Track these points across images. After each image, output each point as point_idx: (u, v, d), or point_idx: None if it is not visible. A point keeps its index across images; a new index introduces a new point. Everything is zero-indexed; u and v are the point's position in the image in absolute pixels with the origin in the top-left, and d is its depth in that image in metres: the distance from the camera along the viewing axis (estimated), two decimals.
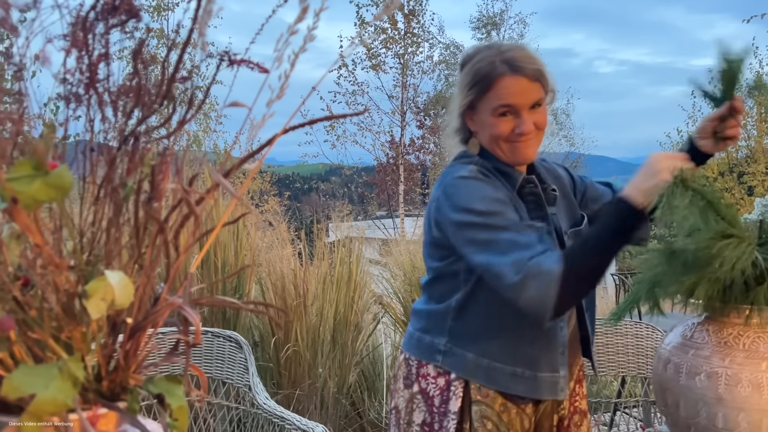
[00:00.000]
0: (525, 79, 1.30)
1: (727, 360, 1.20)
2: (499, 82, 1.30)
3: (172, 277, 0.66)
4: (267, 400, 1.98)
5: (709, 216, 0.94)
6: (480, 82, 1.32)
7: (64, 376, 0.54)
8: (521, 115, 1.31)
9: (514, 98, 1.30)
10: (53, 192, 0.51)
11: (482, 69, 1.32)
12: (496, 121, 1.32)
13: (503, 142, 1.34)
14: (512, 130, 1.32)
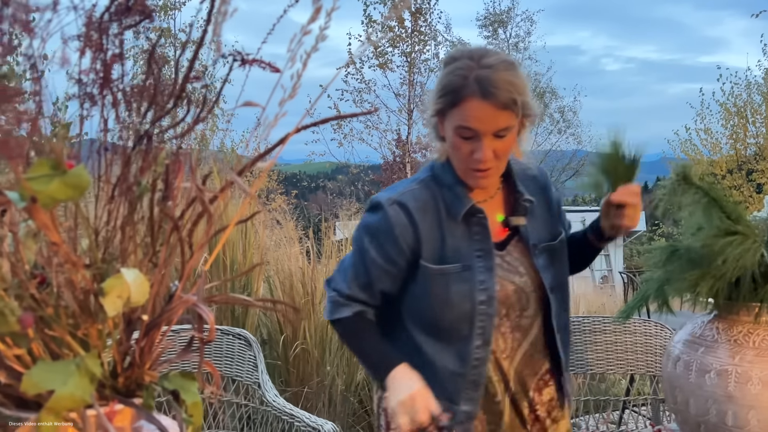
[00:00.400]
0: (492, 107, 1.21)
1: (737, 358, 1.20)
2: (466, 102, 1.23)
3: (186, 274, 0.66)
4: (276, 398, 1.99)
5: (713, 213, 0.94)
6: (448, 95, 1.25)
7: (81, 372, 0.55)
8: (481, 141, 1.24)
9: (476, 123, 1.23)
10: (71, 191, 0.52)
11: (453, 82, 1.24)
12: (458, 142, 1.27)
13: (463, 165, 1.30)
14: (470, 153, 1.26)
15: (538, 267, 1.37)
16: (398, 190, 1.38)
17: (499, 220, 1.39)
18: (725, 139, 13.69)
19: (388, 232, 1.34)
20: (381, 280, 1.38)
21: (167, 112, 0.68)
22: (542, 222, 1.42)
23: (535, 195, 1.41)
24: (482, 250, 1.34)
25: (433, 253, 1.34)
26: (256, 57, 0.69)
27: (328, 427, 1.77)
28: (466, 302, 1.33)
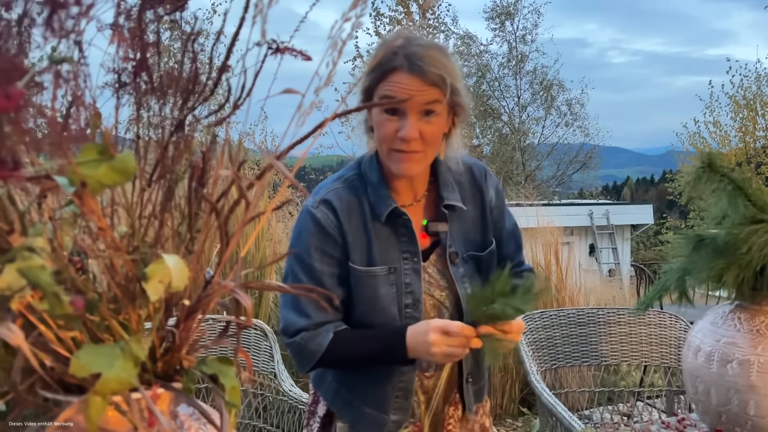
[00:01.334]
0: (420, 81, 1.18)
1: (760, 348, 1.20)
2: (393, 74, 1.19)
3: (224, 260, 0.67)
4: (293, 387, 2.01)
5: (739, 201, 0.94)
6: (376, 69, 1.22)
7: (126, 355, 0.56)
8: (407, 117, 1.20)
9: (401, 94, 1.19)
10: (117, 176, 0.52)
11: (383, 57, 1.22)
12: (382, 118, 1.22)
13: (386, 147, 1.24)
14: (395, 131, 1.21)
15: (456, 277, 1.32)
16: (322, 190, 1.33)
17: (423, 224, 1.35)
18: (734, 132, 13.63)
19: (323, 234, 1.29)
20: (337, 287, 1.30)
21: (205, 100, 0.69)
22: (473, 229, 1.37)
23: (469, 200, 1.36)
24: (409, 252, 1.31)
25: (360, 255, 1.29)
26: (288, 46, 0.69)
27: None
28: (392, 306, 1.30)
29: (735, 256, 0.99)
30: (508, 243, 1.43)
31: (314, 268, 1.28)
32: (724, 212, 0.98)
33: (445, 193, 1.33)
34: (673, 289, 1.34)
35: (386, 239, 1.30)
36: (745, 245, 0.94)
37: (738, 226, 0.94)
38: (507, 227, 1.43)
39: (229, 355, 0.71)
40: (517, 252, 1.45)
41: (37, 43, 0.61)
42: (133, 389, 0.57)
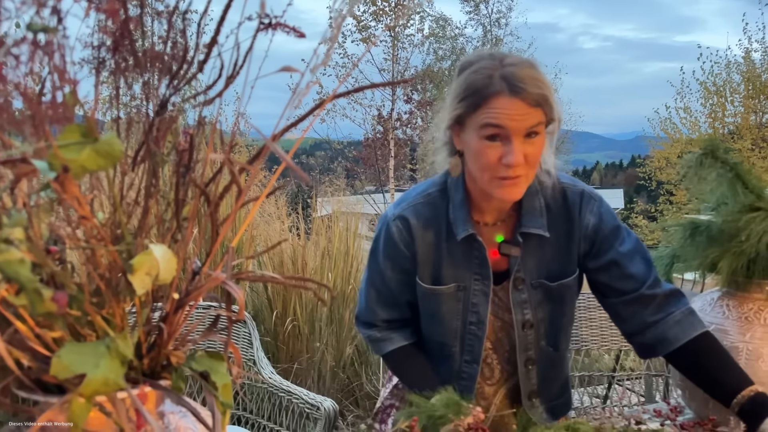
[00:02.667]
0: (522, 104, 1.11)
1: (748, 335, 1.20)
2: (493, 100, 1.12)
3: (214, 250, 0.63)
4: (273, 374, 1.97)
5: (738, 188, 0.93)
6: (471, 96, 1.14)
7: (112, 354, 0.52)
8: (511, 142, 1.12)
9: (505, 120, 1.11)
10: (102, 160, 0.48)
11: (476, 82, 1.14)
12: (482, 145, 1.14)
13: (488, 175, 1.16)
14: (499, 158, 1.13)
15: (515, 302, 1.30)
16: (403, 203, 1.34)
17: (498, 240, 1.30)
18: (704, 118, 13.84)
19: (395, 248, 1.32)
20: (404, 292, 1.37)
21: (193, 77, 0.64)
22: (552, 257, 1.29)
23: (555, 226, 1.27)
24: (480, 275, 1.30)
25: (428, 273, 1.32)
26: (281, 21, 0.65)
27: (328, 404, 1.75)
28: (456, 320, 1.33)
29: (730, 243, 0.98)
30: (630, 263, 1.25)
31: (385, 274, 1.36)
32: (721, 199, 0.96)
33: (526, 219, 1.26)
34: (661, 275, 1.33)
35: (459, 258, 1.30)
36: (743, 233, 0.93)
37: (736, 214, 0.93)
38: (623, 250, 1.26)
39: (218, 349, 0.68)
40: (647, 272, 1.24)
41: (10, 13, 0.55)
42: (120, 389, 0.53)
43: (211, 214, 0.60)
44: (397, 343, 1.39)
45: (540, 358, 1.35)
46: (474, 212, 1.30)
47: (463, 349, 1.34)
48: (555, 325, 1.34)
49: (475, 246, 1.28)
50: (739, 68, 13.26)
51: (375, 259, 1.37)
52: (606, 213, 1.29)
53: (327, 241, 3.22)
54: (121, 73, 0.66)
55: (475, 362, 1.34)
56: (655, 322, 1.23)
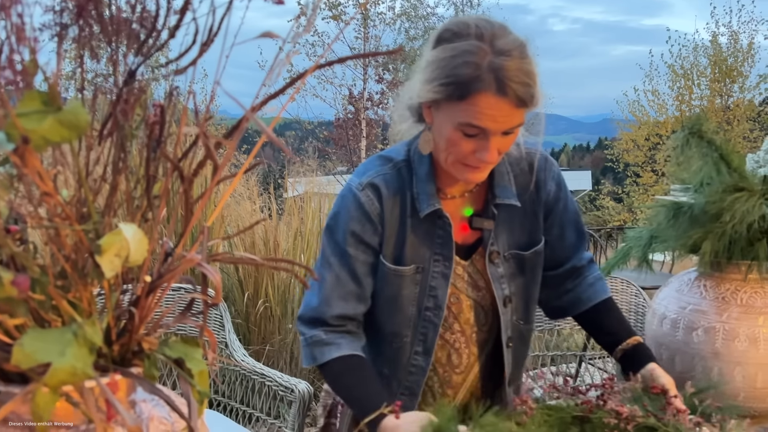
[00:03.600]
0: (509, 105, 1.03)
1: (725, 315, 1.20)
2: (478, 98, 1.03)
3: (188, 229, 0.59)
4: (245, 357, 1.94)
5: (722, 168, 0.92)
6: (454, 86, 1.04)
7: (79, 341, 0.48)
8: (488, 140, 1.07)
9: (488, 122, 1.04)
10: (66, 131, 0.44)
11: (461, 70, 1.03)
12: (456, 137, 1.08)
13: (452, 158, 1.12)
14: (472, 151, 1.09)
15: (494, 277, 1.25)
16: (369, 171, 1.22)
17: (466, 214, 1.25)
18: (671, 101, 14.03)
19: (363, 219, 1.20)
20: (367, 276, 1.23)
21: (164, 45, 0.60)
22: (519, 226, 1.27)
23: (522, 192, 1.25)
24: (441, 255, 1.22)
25: (391, 251, 1.22)
26: None
27: (302, 387, 1.72)
28: (412, 306, 1.24)
29: (713, 224, 0.98)
30: (569, 234, 1.31)
31: (347, 253, 1.20)
32: (705, 180, 0.95)
33: (498, 190, 1.22)
34: (639, 256, 1.33)
35: (421, 237, 1.21)
36: (727, 213, 0.92)
37: (720, 194, 0.92)
38: (569, 218, 1.30)
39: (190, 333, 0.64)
40: (579, 242, 1.33)
41: None
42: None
43: (185, 191, 0.56)
44: (345, 350, 1.19)
45: (514, 335, 1.31)
46: (440, 186, 1.22)
47: (415, 339, 1.26)
48: (527, 297, 1.30)
49: (440, 223, 1.21)
50: (706, 52, 13.46)
51: (333, 238, 1.22)
52: (561, 179, 1.30)
53: (299, 221, 3.17)
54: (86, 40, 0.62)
55: (426, 353, 1.26)
56: (574, 287, 1.34)
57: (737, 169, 0.93)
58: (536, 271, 1.30)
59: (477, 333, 1.29)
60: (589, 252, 1.40)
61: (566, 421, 1.03)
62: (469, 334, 1.29)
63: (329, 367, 1.20)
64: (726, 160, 0.93)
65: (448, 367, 1.31)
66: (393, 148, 1.27)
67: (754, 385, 1.20)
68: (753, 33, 13.28)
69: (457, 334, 1.29)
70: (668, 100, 14.05)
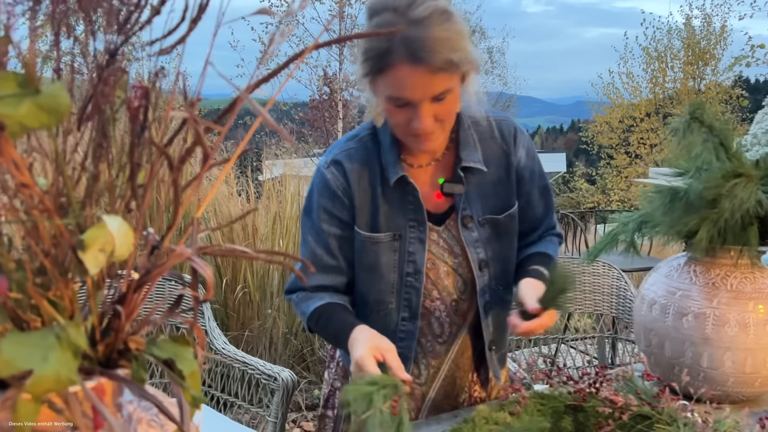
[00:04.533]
0: (426, 72, 1.04)
1: (715, 301, 1.20)
2: (393, 70, 1.04)
3: (177, 220, 0.55)
4: (226, 345, 1.90)
5: (721, 154, 0.90)
6: (372, 60, 1.07)
7: (63, 345, 0.44)
8: (418, 110, 1.08)
9: (408, 93, 1.06)
10: (45, 116, 0.40)
11: (377, 46, 1.05)
12: (391, 109, 1.11)
13: (399, 130, 1.16)
14: (408, 121, 1.11)
15: (468, 241, 1.26)
16: (334, 150, 1.28)
17: (440, 182, 1.27)
18: (645, 83, 14.14)
19: (332, 196, 1.25)
20: (343, 249, 1.28)
21: (148, 22, 0.55)
22: (493, 191, 1.28)
23: (492, 160, 1.27)
24: (415, 220, 1.25)
25: (366, 220, 1.25)
26: None
27: (285, 375, 1.69)
28: (392, 273, 1.26)
29: (709, 210, 0.96)
30: (537, 205, 1.35)
31: (321, 229, 1.26)
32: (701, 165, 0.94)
33: (464, 154, 1.24)
34: (627, 240, 1.31)
35: (395, 205, 1.25)
36: (726, 200, 0.91)
37: (719, 180, 0.90)
38: (537, 188, 1.33)
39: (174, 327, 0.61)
40: (546, 214, 1.38)
41: None
42: None
43: (174, 180, 0.52)
44: (326, 300, 1.27)
45: (493, 300, 1.31)
46: (405, 154, 1.25)
47: (399, 305, 1.28)
48: (504, 262, 1.32)
49: (408, 189, 1.24)
50: (680, 34, 13.56)
51: (309, 216, 1.28)
52: (531, 150, 1.32)
53: (278, 204, 3.12)
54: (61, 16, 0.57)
55: (413, 317, 1.28)
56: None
57: (735, 154, 0.92)
58: (512, 235, 1.33)
59: (457, 301, 1.31)
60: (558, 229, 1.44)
61: (559, 410, 1.02)
62: (449, 302, 1.31)
63: (312, 315, 1.26)
64: (725, 146, 0.91)
65: (430, 336, 1.33)
66: (361, 126, 1.32)
67: (743, 370, 1.20)
68: (726, 16, 13.41)
69: (436, 302, 1.30)
70: (642, 83, 14.16)
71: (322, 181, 1.26)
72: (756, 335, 1.18)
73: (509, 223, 1.31)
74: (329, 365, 1.46)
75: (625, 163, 14.79)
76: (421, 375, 1.34)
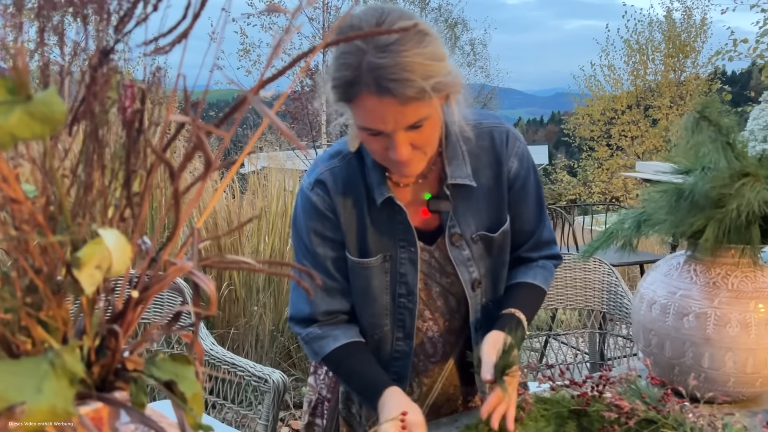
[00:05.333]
0: (394, 103, 0.95)
1: (716, 300, 1.18)
2: (361, 100, 0.97)
3: (178, 231, 0.52)
4: (214, 346, 1.86)
5: (729, 153, 0.88)
6: (340, 89, 0.99)
7: (58, 372, 0.41)
8: (393, 139, 1.01)
9: (377, 124, 0.99)
10: (38, 126, 0.36)
11: (343, 76, 0.97)
12: (366, 137, 1.04)
13: (378, 157, 1.09)
14: (385, 149, 1.04)
15: (458, 260, 1.21)
16: (317, 169, 1.19)
17: (426, 198, 1.20)
18: (627, 75, 14.21)
19: (320, 216, 1.18)
20: (342, 269, 1.22)
21: (145, 19, 0.51)
22: (485, 206, 1.21)
23: (483, 171, 1.20)
24: (406, 240, 1.19)
25: (355, 244, 1.20)
26: None
27: (276, 377, 1.66)
28: (385, 295, 1.22)
29: (715, 210, 0.94)
30: (528, 219, 1.27)
31: (317, 254, 1.20)
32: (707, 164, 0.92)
33: (451, 169, 1.16)
34: (624, 238, 1.30)
35: (383, 225, 1.19)
36: (734, 200, 0.89)
37: (727, 179, 0.88)
38: (530, 200, 1.25)
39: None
40: (538, 227, 1.29)
41: None
42: None
43: (175, 189, 0.49)
44: (342, 340, 1.20)
45: (483, 317, 1.27)
46: (390, 174, 1.18)
47: (394, 326, 1.24)
48: (495, 279, 1.27)
49: (396, 210, 1.17)
50: (661, 27, 13.64)
51: (300, 240, 1.21)
52: (525, 156, 1.23)
53: (262, 199, 3.07)
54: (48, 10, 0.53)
55: (408, 338, 1.24)
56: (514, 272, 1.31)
57: (742, 154, 0.90)
58: (504, 252, 1.27)
59: (450, 321, 1.28)
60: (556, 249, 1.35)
61: (563, 415, 1.00)
62: (442, 322, 1.27)
63: (330, 359, 1.21)
64: (732, 146, 0.89)
65: (423, 356, 1.29)
66: (343, 140, 1.23)
67: (744, 370, 1.19)
68: (705, 9, 13.52)
69: (429, 322, 1.27)
70: (624, 75, 14.24)
71: (308, 203, 1.19)
72: (757, 335, 1.17)
73: (503, 239, 1.25)
74: (316, 371, 1.41)
75: (607, 156, 14.88)
76: (413, 393, 1.31)
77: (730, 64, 8.65)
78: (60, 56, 0.53)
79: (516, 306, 1.23)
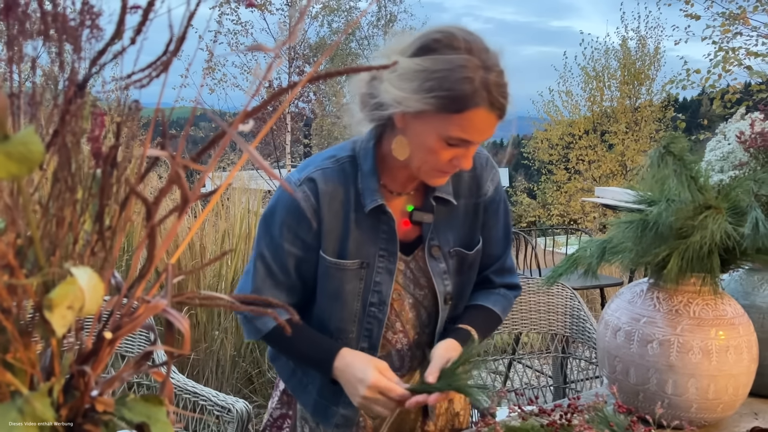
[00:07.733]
0: (497, 118, 1.08)
1: (679, 328, 1.21)
2: (473, 113, 1.04)
3: (153, 266, 0.50)
4: (175, 374, 1.81)
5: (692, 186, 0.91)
6: (449, 100, 1.03)
7: (27, 419, 0.39)
8: (469, 150, 1.11)
9: (477, 136, 1.08)
10: (15, 166, 0.35)
11: (461, 89, 1.02)
12: (440, 147, 1.08)
13: (427, 166, 1.13)
14: (450, 160, 1.11)
15: (435, 272, 1.25)
16: (310, 166, 1.22)
17: (408, 209, 1.25)
18: (584, 102, 14.58)
19: (299, 217, 1.19)
20: (300, 270, 1.23)
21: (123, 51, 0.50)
22: (462, 224, 1.28)
23: (464, 191, 1.27)
24: (386, 250, 1.22)
25: (333, 246, 1.21)
26: None
27: (240, 406, 1.63)
28: (356, 301, 1.23)
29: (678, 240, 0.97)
30: (496, 244, 1.34)
31: (281, 247, 1.20)
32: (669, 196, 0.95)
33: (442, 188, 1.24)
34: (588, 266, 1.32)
35: (366, 232, 1.21)
36: (698, 231, 0.92)
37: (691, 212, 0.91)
38: (500, 226, 1.33)
39: None
40: (503, 254, 1.37)
41: None
42: None
43: (151, 227, 0.48)
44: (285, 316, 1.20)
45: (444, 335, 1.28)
46: (384, 182, 1.22)
47: (360, 335, 1.25)
48: (462, 296, 1.31)
49: (384, 219, 1.21)
50: (617, 55, 14.07)
51: (269, 230, 1.21)
52: (499, 184, 1.33)
53: (225, 221, 3.03)
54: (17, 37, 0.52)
55: (372, 348, 1.25)
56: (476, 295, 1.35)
57: (705, 187, 0.93)
58: (473, 271, 1.32)
59: (419, 334, 1.29)
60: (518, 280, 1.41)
61: None
62: (412, 335, 1.29)
63: (274, 333, 1.22)
64: (695, 179, 0.93)
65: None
66: (338, 146, 1.27)
67: (707, 396, 1.21)
68: (659, 38, 14.00)
69: (399, 335, 1.28)
70: (581, 101, 14.60)
71: (291, 200, 1.19)
72: (718, 361, 1.19)
73: (475, 258, 1.31)
74: (273, 394, 1.41)
75: (565, 179, 15.18)
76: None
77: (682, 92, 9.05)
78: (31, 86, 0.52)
79: (472, 325, 1.28)
